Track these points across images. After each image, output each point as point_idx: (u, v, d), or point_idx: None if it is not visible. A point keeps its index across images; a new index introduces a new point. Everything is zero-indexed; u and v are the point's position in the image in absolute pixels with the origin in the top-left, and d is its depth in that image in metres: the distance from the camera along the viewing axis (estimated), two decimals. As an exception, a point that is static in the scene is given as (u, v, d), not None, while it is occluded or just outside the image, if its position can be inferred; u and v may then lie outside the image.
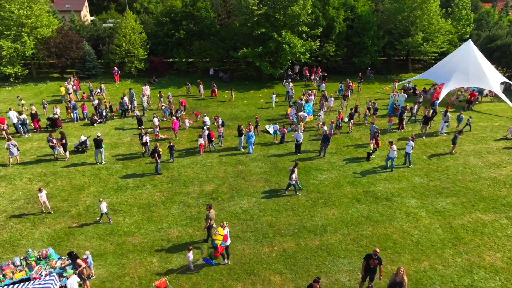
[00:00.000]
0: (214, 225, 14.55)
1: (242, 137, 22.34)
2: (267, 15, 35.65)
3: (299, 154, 22.03)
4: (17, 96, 29.00)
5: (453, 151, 22.15)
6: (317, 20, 37.63)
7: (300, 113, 25.94)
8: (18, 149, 20.43)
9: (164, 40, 39.30)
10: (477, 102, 32.10)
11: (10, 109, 24.74)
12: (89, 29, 42.85)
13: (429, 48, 38.49)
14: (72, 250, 12.83)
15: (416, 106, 28.67)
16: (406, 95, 30.35)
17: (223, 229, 13.09)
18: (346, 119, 25.76)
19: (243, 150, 22.48)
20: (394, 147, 20.08)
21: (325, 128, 22.07)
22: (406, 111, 25.88)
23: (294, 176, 17.40)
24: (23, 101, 26.87)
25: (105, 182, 18.81)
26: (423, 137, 24.30)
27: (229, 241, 13.29)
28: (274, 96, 30.65)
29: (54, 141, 20.71)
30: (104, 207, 15.24)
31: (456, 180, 19.36)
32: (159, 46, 39.81)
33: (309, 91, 29.59)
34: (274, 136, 23.89)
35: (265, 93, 34.31)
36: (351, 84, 32.85)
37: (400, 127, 25.65)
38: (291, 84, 32.07)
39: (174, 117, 25.37)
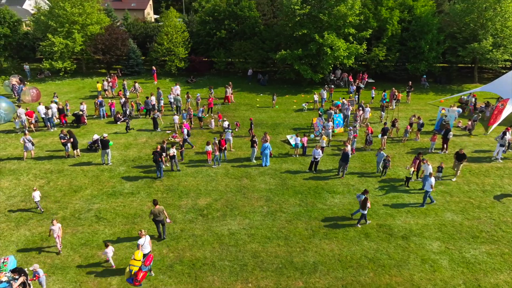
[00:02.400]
0: (169, 220, 15.02)
1: (255, 148, 20.51)
2: (310, 15, 33.29)
3: (314, 172, 19.64)
4: (54, 92, 30.08)
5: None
6: (366, 21, 34.31)
7: (324, 131, 22.99)
8: (33, 144, 20.77)
9: (205, 39, 38.73)
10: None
11: (39, 103, 25.57)
12: (138, 27, 43.79)
13: (500, 56, 33.07)
14: (21, 267, 12.05)
15: (470, 123, 24.54)
16: (459, 110, 26.20)
17: (141, 247, 12.10)
18: (380, 135, 22.62)
19: (255, 162, 20.67)
20: (429, 167, 16.95)
21: (348, 147, 19.37)
22: (451, 131, 21.93)
23: (368, 205, 15.08)
24: (57, 99, 27.64)
25: (102, 185, 18.24)
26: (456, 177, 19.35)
27: (148, 249, 12.52)
28: (306, 104, 28.51)
29: (66, 138, 20.72)
30: (37, 195, 15.51)
31: (501, 222, 15.65)
32: (200, 45, 39.34)
33: (345, 100, 26.68)
34: (295, 149, 21.62)
35: (301, 99, 31.99)
36: (396, 93, 29.24)
37: (444, 148, 21.90)
38: (325, 91, 29.42)
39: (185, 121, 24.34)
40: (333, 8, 32.21)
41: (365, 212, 15.05)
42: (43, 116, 24.87)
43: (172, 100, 27.99)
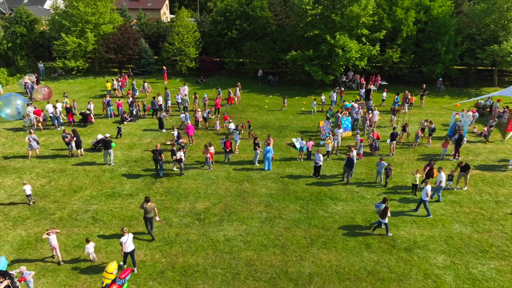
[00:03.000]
0: (158, 219, 15.09)
1: (258, 151, 20.06)
2: (322, 16, 32.60)
3: (318, 177, 19.05)
4: (64, 92, 30.30)
5: None
6: (380, 22, 33.35)
7: (334, 136, 21.76)
8: (38, 143, 20.87)
9: (216, 39, 38.49)
10: None
11: (48, 102, 25.78)
12: (151, 26, 43.92)
13: (520, 58, 31.61)
14: (7, 270, 11.91)
15: (486, 129, 23.48)
16: (475, 115, 25.09)
17: (124, 245, 12.26)
18: (389, 140, 21.80)
19: (258, 165, 20.22)
20: (443, 176, 16.16)
21: (354, 152, 18.69)
22: (465, 138, 20.96)
23: (389, 214, 14.48)
24: (67, 99, 27.80)
25: (102, 186, 18.14)
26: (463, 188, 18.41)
27: (131, 248, 12.48)
28: (315, 102, 27.91)
29: (69, 136, 20.74)
30: (28, 189, 16.01)
31: (514, 235, 14.75)
32: (211, 45, 39.12)
33: (355, 103, 25.90)
34: (300, 153, 21.07)
35: (310, 101, 31.20)
36: (409, 96, 28.26)
37: (457, 155, 20.94)
38: (336, 93, 28.71)
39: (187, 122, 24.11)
40: (346, 8, 31.44)
41: (386, 221, 14.40)
42: (51, 114, 25.05)
43: (180, 101, 27.80)
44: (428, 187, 15.53)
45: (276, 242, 14.30)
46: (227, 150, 20.37)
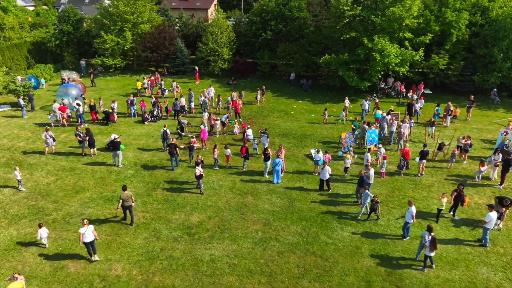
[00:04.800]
0: (133, 204, 15.01)
1: (268, 162, 18.66)
2: (361, 17, 30.31)
3: (329, 191, 17.35)
4: (81, 94, 30.57)
5: None
6: (427, 24, 30.29)
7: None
8: (54, 140, 21.18)
9: (251, 40, 37.49)
10: None
11: (75, 99, 26.32)
12: (190, 26, 43.98)
13: None
14: None
15: (540, 152, 20.06)
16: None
17: (82, 236, 12.61)
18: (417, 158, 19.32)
19: (267, 177, 18.83)
20: (493, 216, 13.64)
21: (371, 171, 16.64)
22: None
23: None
24: (85, 100, 28.23)
25: (104, 188, 17.82)
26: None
27: (90, 238, 12.86)
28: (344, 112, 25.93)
29: (81, 135, 20.78)
30: (17, 174, 17.08)
31: (556, 289, 12.02)
32: (246, 46, 38.20)
33: (386, 113, 23.46)
34: (316, 166, 19.31)
35: (342, 108, 29.08)
36: (451, 108, 25.17)
37: (501, 181, 17.96)
38: (368, 102, 26.37)
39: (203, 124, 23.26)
40: (388, 9, 28.88)
41: (433, 254, 12.48)
42: (76, 111, 25.50)
43: (202, 103, 27.09)
44: (413, 208, 13.74)
45: (265, 268, 12.87)
46: (243, 156, 19.34)
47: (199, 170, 16.95)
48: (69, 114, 25.79)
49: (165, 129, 21.21)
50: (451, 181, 18.34)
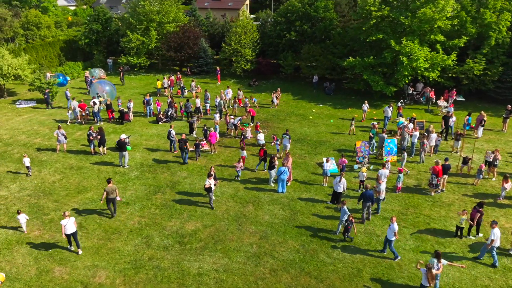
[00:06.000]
0: (119, 198, 15.63)
1: (273, 171, 17.71)
2: (389, 18, 28.59)
3: (336, 204, 16.18)
4: (97, 93, 30.84)
5: None
6: (462, 26, 28.06)
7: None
8: (65, 137, 21.35)
9: (275, 41, 36.57)
10: None
11: (93, 97, 26.57)
12: (216, 26, 43.69)
13: None
14: None
15: None
16: None
17: (63, 227, 12.90)
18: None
19: (272, 185, 17.91)
20: (496, 233, 12.27)
21: (382, 186, 15.32)
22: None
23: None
24: (100, 98, 28.46)
25: (106, 189, 17.59)
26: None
27: (71, 230, 13.07)
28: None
29: (94, 134, 20.79)
30: (26, 161, 18.10)
31: None
32: (270, 47, 37.32)
33: (409, 124, 21.71)
34: (325, 177, 18.09)
35: (367, 114, 27.46)
36: (485, 118, 23.02)
37: (531, 202, 16.04)
38: (391, 108, 24.68)
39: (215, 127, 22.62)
40: (418, 10, 27.00)
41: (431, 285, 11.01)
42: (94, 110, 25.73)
43: (217, 104, 26.53)
44: (395, 225, 12.63)
45: (253, 287, 11.98)
46: (261, 158, 18.69)
47: (208, 182, 15.59)
48: (87, 112, 26.03)
49: (170, 129, 20.87)
50: (475, 200, 16.55)
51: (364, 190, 15.53)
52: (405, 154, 18.75)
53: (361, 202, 15.11)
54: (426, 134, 20.81)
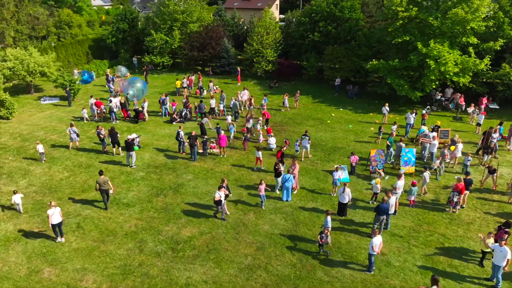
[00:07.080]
0: (112, 191, 15.94)
1: (279, 179, 16.90)
2: (418, 19, 26.96)
3: (343, 217, 15.14)
4: (111, 91, 30.87)
5: None
6: (498, 28, 25.97)
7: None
8: (78, 135, 21.54)
9: (298, 41, 35.62)
10: None
11: (110, 96, 26.81)
12: (241, 26, 43.26)
13: None
14: None
15: None
16: None
17: (50, 217, 13.12)
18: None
19: (278, 192, 17.12)
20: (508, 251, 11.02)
21: (392, 199, 14.15)
22: None
23: None
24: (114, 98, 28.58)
25: (110, 189, 17.48)
26: None
27: (57, 220, 13.41)
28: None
29: (103, 132, 20.82)
30: (40, 148, 19.21)
31: None
32: (293, 48, 36.40)
33: (431, 133, 20.16)
34: (334, 186, 17.06)
35: (389, 119, 25.97)
36: (518, 128, 21.09)
37: None
38: (414, 115, 23.14)
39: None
40: (450, 10, 25.22)
41: None
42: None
43: (232, 105, 25.99)
44: (375, 239, 12.00)
45: (241, 302, 11.30)
46: (279, 159, 17.89)
47: (218, 194, 14.47)
48: (104, 110, 26.25)
49: (179, 130, 20.60)
50: (498, 220, 14.99)
51: (375, 202, 14.39)
52: (426, 174, 16.48)
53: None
54: (448, 144, 19.24)
